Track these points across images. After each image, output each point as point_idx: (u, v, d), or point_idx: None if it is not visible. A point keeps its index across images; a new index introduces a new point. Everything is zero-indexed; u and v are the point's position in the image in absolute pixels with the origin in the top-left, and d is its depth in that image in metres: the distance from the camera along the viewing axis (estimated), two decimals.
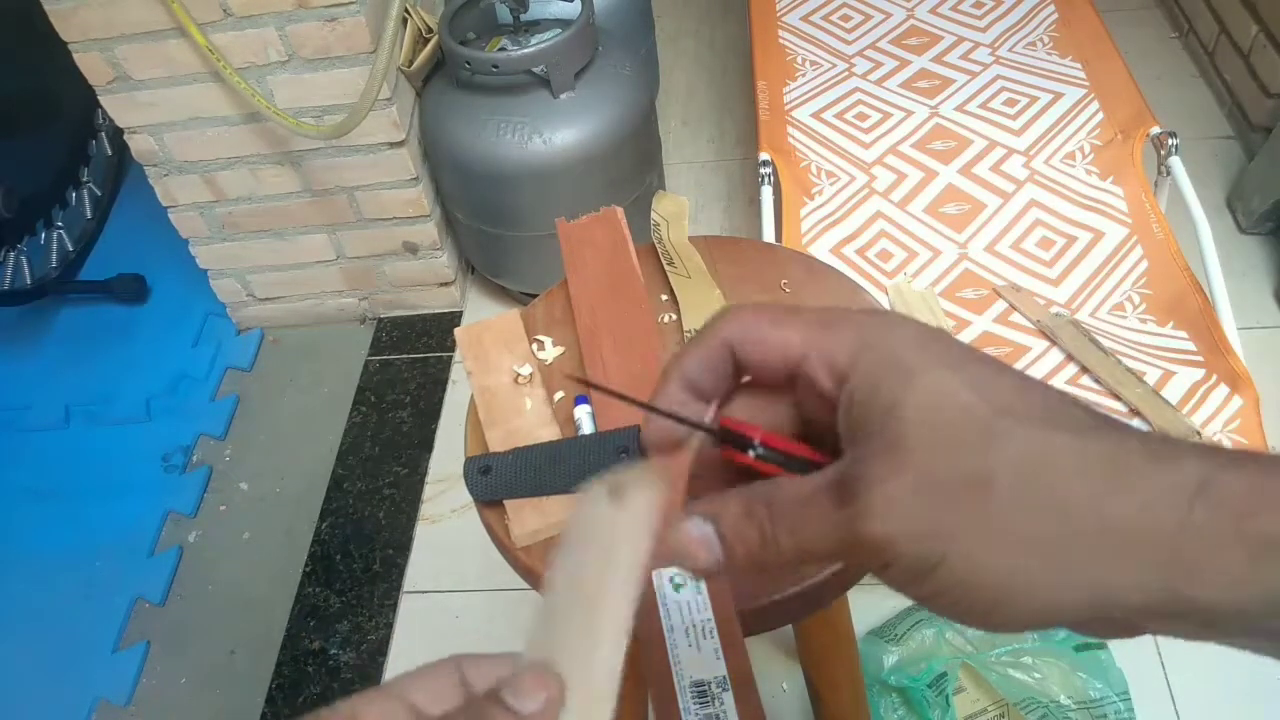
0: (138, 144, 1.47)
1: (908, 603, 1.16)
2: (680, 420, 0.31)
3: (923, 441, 0.25)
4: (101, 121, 2.03)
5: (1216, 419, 1.08)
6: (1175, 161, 1.28)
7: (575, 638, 0.28)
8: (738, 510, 0.29)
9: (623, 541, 0.29)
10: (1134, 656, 1.12)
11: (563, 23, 1.39)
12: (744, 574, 0.30)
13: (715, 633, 0.55)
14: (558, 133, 1.36)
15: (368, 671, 1.27)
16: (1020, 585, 0.25)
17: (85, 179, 2.00)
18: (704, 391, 0.31)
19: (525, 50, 1.32)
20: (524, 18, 1.42)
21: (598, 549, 0.30)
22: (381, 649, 1.29)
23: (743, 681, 0.53)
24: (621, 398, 0.31)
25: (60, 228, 1.92)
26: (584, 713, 0.27)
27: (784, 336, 0.29)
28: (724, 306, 0.30)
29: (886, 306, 0.91)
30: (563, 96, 1.36)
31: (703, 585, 0.57)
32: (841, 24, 1.67)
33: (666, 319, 0.73)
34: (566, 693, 0.27)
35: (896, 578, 0.27)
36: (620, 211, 0.78)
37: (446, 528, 1.41)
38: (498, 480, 0.63)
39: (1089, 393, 1.13)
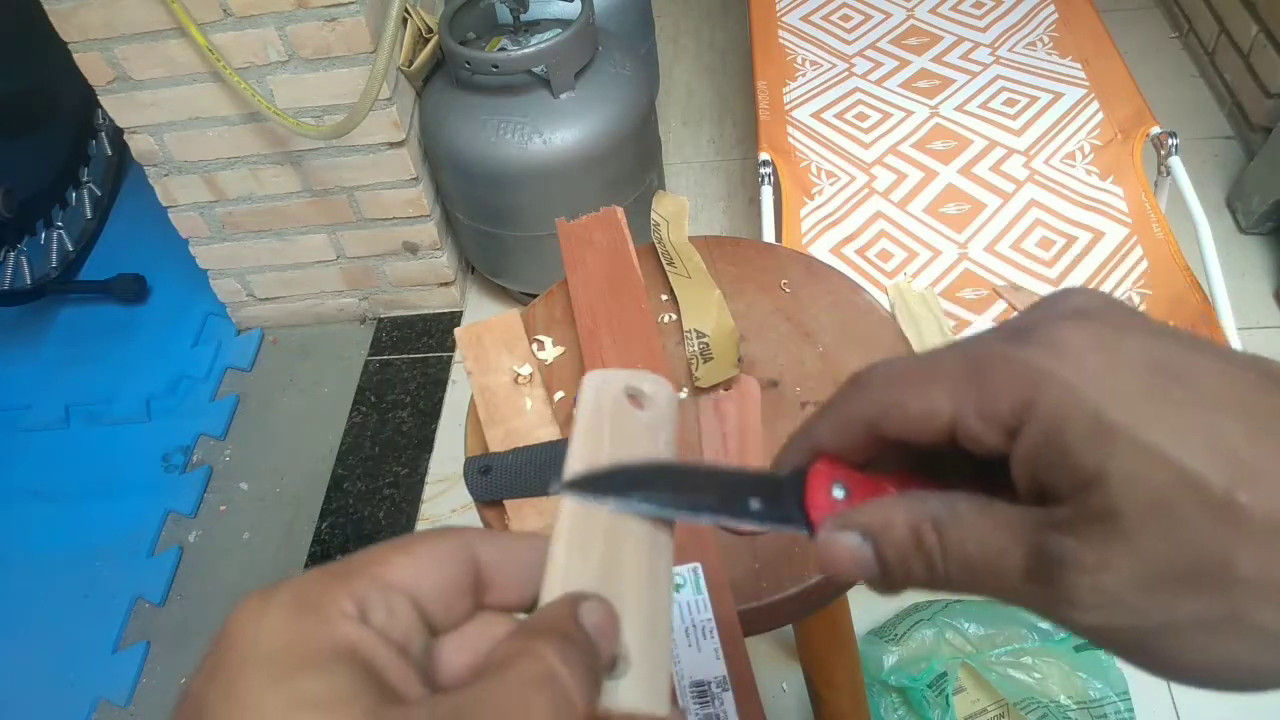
0: (138, 144, 1.47)
1: (908, 603, 1.16)
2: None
3: (1142, 525, 0.21)
4: (101, 121, 2.03)
5: None
6: (1175, 161, 1.28)
7: (637, 587, 0.26)
8: (904, 533, 0.25)
9: (659, 445, 0.28)
10: None
11: (563, 23, 1.39)
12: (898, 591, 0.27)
13: (715, 633, 0.55)
14: (558, 133, 1.36)
15: None
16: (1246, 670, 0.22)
17: (85, 179, 2.00)
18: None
19: (525, 50, 1.32)
20: (524, 18, 1.42)
21: (629, 452, 0.28)
22: None
23: (743, 682, 0.53)
24: None
25: (60, 228, 1.92)
26: (650, 680, 0.25)
27: (928, 403, 0.25)
28: (856, 374, 0.27)
29: (887, 306, 0.91)
30: (563, 96, 1.36)
31: (703, 585, 0.57)
32: (841, 24, 1.66)
33: (666, 319, 0.73)
34: (637, 656, 0.25)
35: (1102, 645, 0.24)
36: (620, 211, 0.78)
37: None
38: (498, 480, 0.63)
39: None
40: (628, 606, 0.25)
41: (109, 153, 2.05)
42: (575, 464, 0.28)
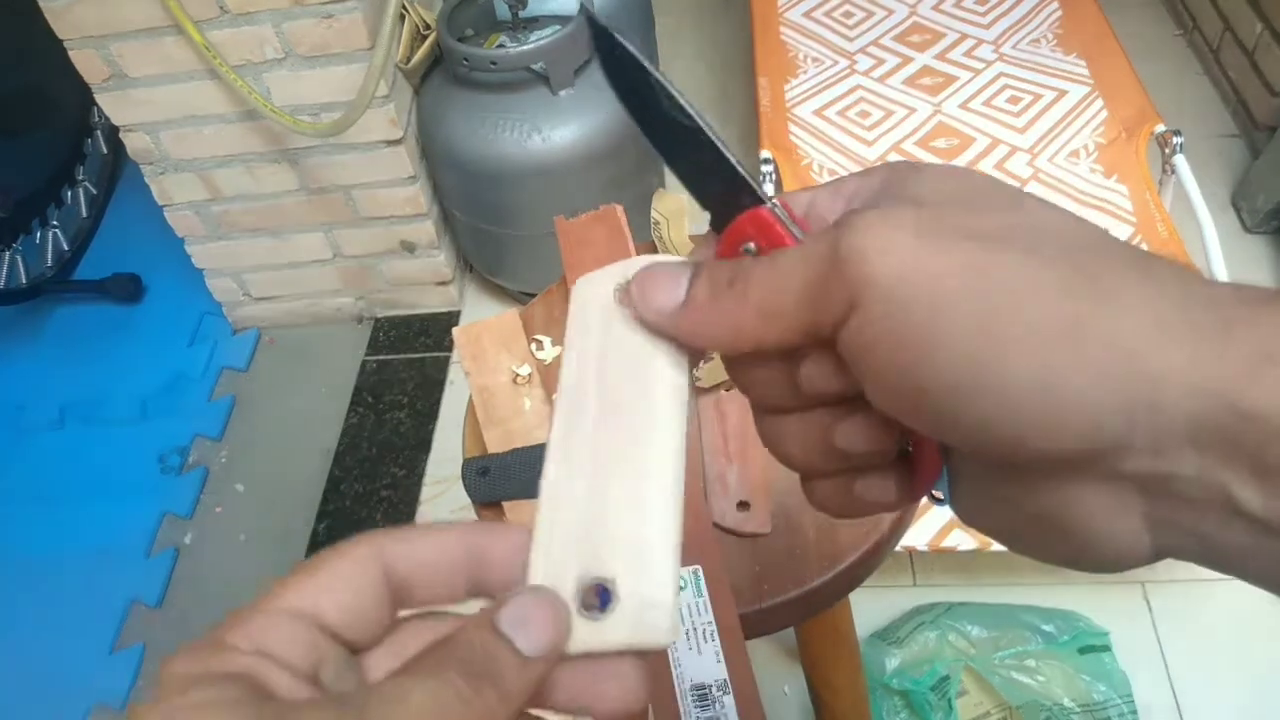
0: (133, 142, 1.46)
1: (911, 605, 1.15)
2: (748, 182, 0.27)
3: (937, 198, 0.23)
4: (97, 120, 2.02)
5: None
6: (1180, 160, 1.27)
7: (622, 507, 0.24)
8: (723, 268, 0.26)
9: (659, 352, 0.26)
10: (1137, 659, 1.11)
11: (561, 19, 1.38)
12: (690, 332, 0.26)
13: (716, 636, 0.54)
14: (557, 130, 1.35)
15: None
16: (1032, 372, 0.21)
17: (81, 178, 1.99)
18: None
19: (524, 47, 1.31)
20: (522, 14, 1.41)
21: (625, 364, 0.26)
22: None
23: (744, 685, 0.53)
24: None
25: (56, 227, 1.91)
26: (644, 610, 0.23)
27: (768, 341, 0.25)
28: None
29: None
30: (562, 94, 1.35)
31: (704, 588, 0.56)
32: (843, 21, 1.66)
33: None
34: (626, 584, 0.23)
35: (861, 332, 0.23)
36: (620, 210, 0.77)
37: None
38: (496, 482, 0.62)
39: None
40: (612, 532, 0.24)
41: (104, 151, 2.04)
42: (562, 401, 0.27)
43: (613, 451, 0.25)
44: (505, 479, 0.62)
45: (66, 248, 1.91)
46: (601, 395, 0.26)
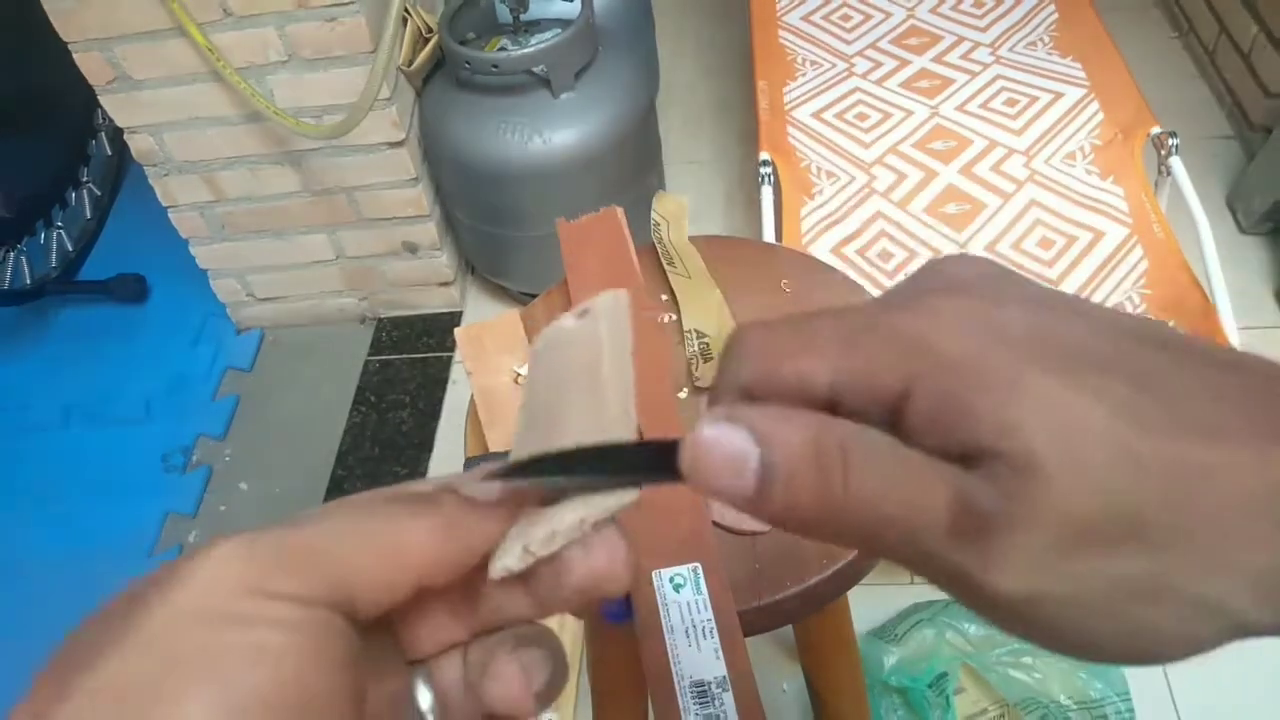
0: (137, 144, 1.47)
1: (909, 603, 1.16)
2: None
3: (1061, 472, 0.20)
4: (101, 121, 2.03)
5: None
6: (1176, 161, 1.28)
7: (577, 422, 0.25)
8: (803, 441, 0.21)
9: (605, 340, 0.27)
10: None
11: (563, 22, 1.39)
12: (765, 519, 0.22)
13: (715, 633, 0.55)
14: (558, 133, 1.36)
15: None
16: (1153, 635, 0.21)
17: (85, 179, 2.00)
18: None
19: (525, 50, 1.32)
20: (524, 17, 1.42)
21: (578, 353, 0.28)
22: None
23: (743, 682, 0.53)
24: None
25: (60, 228, 1.92)
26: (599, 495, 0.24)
27: (803, 371, 0.23)
28: (731, 337, 0.25)
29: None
30: (563, 96, 1.36)
31: (703, 585, 0.57)
32: (841, 24, 1.66)
33: (666, 319, 0.73)
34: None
35: (990, 616, 0.22)
36: (620, 211, 0.78)
37: None
38: None
39: None
40: (572, 435, 0.25)
41: (109, 152, 2.05)
42: (522, 419, 0.28)
43: (566, 395, 0.27)
44: None
45: (71, 248, 1.92)
46: (556, 373, 0.28)
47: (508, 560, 0.23)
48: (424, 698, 0.25)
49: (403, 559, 0.22)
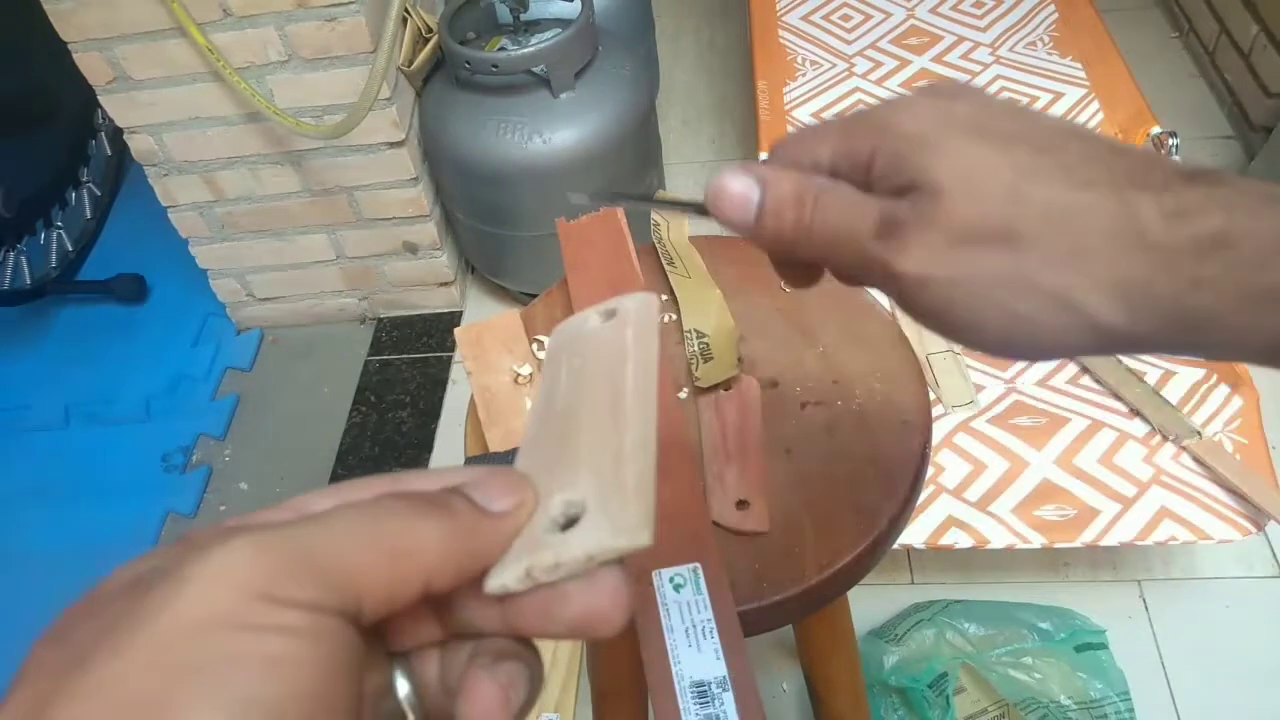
0: (137, 144, 1.47)
1: (909, 603, 1.16)
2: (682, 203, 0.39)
3: (955, 193, 0.28)
4: (101, 121, 2.03)
5: (1217, 419, 1.08)
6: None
7: (594, 443, 0.25)
8: (790, 188, 0.32)
9: (631, 350, 0.27)
10: (1134, 656, 1.11)
11: (563, 22, 1.39)
12: (759, 243, 0.34)
13: (715, 633, 0.55)
14: (558, 133, 1.36)
15: None
16: (1022, 318, 0.29)
17: (85, 179, 2.00)
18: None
19: (525, 50, 1.32)
20: (524, 17, 1.42)
21: (602, 362, 0.27)
22: None
23: (743, 682, 0.53)
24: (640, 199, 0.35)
25: (60, 227, 1.92)
26: (616, 513, 0.23)
27: (812, 150, 0.32)
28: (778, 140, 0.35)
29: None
30: (563, 96, 1.36)
31: (703, 585, 0.57)
32: (842, 24, 1.66)
33: (666, 319, 0.73)
34: (596, 495, 0.24)
35: (904, 303, 0.31)
36: (620, 211, 0.78)
37: None
38: None
39: (1090, 392, 1.13)
40: (584, 459, 0.25)
41: (109, 152, 2.05)
42: (534, 418, 0.29)
43: (586, 405, 0.27)
44: None
45: (70, 248, 1.92)
46: (577, 377, 0.28)
47: (507, 579, 0.23)
48: (402, 686, 0.25)
49: (412, 565, 0.22)
